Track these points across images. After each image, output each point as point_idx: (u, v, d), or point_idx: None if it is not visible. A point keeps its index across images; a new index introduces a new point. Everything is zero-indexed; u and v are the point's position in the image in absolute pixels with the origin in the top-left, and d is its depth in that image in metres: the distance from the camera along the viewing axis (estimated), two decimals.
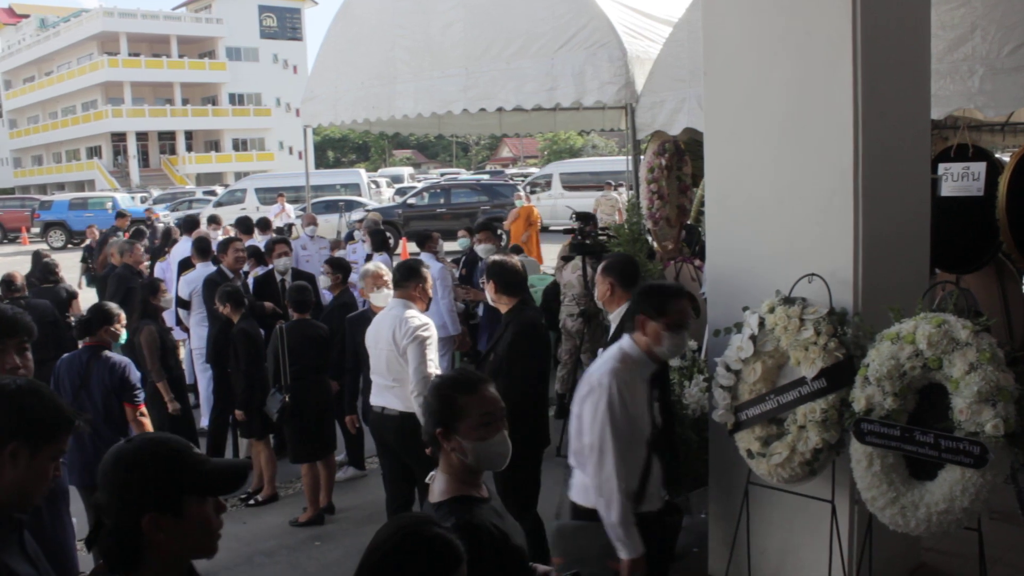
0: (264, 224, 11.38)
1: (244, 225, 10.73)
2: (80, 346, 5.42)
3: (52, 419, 2.04)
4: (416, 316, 4.96)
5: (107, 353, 5.20)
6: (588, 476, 3.48)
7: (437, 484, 2.50)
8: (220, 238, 9.51)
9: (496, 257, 5.08)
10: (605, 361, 3.56)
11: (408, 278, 5.07)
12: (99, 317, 5.26)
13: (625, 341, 3.62)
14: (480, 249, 7.87)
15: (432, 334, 4.98)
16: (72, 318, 8.77)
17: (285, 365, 6.14)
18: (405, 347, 4.89)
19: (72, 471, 4.73)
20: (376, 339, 5.06)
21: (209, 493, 1.85)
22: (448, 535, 1.87)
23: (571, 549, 3.60)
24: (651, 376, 3.65)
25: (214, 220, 12.24)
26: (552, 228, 23.45)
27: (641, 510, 3.45)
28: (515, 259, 5.01)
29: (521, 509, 4.77)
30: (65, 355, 5.38)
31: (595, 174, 27.91)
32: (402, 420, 4.93)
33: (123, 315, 5.43)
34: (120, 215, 16.25)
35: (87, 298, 9.68)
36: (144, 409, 5.28)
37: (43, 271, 8.79)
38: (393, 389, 4.99)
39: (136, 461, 1.81)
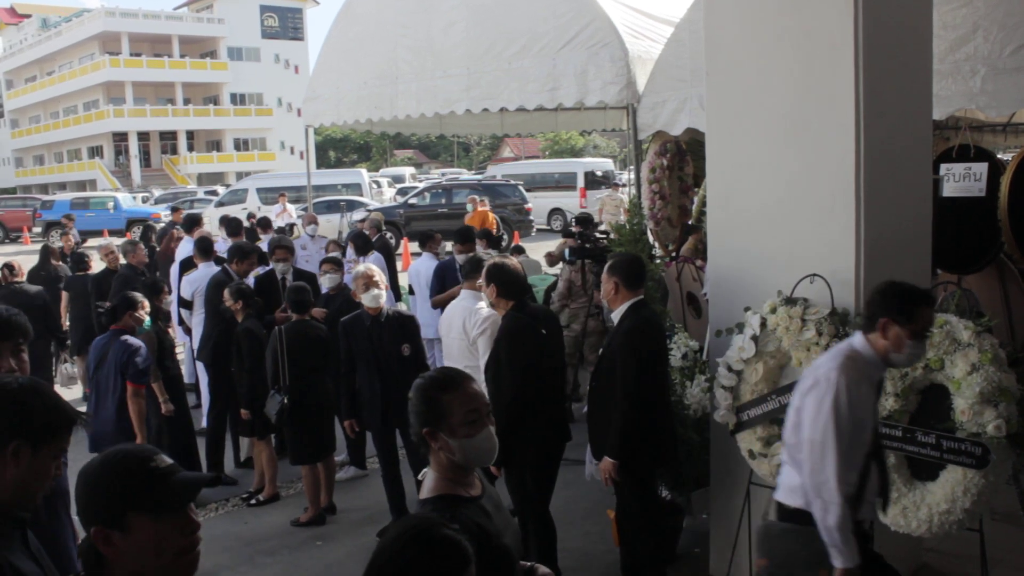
0: (238, 227, 11.17)
1: (232, 227, 10.67)
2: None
3: (53, 418, 2.03)
4: (485, 307, 5.21)
5: (125, 336, 5.78)
6: (804, 475, 3.20)
7: (427, 482, 2.52)
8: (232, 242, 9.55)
9: (497, 260, 4.98)
10: (834, 356, 3.31)
11: (477, 270, 5.24)
12: (124, 304, 5.91)
13: (857, 340, 3.34)
14: (460, 258, 7.81)
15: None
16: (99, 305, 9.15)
17: (284, 366, 6.14)
18: (475, 337, 5.17)
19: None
20: (448, 328, 5.36)
21: (159, 511, 1.78)
22: (456, 535, 1.84)
23: (777, 552, 3.39)
24: (878, 381, 3.40)
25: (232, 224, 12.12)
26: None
27: (857, 518, 3.19)
28: (515, 261, 4.97)
29: (531, 508, 4.79)
30: (98, 337, 6.14)
31: (532, 176, 29.40)
32: None
33: (147, 302, 6.01)
34: (175, 209, 17.12)
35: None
36: (142, 391, 5.68)
37: (76, 261, 10.00)
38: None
39: (91, 472, 1.82)
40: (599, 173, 29.84)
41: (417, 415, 2.51)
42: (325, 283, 7.35)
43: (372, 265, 6.09)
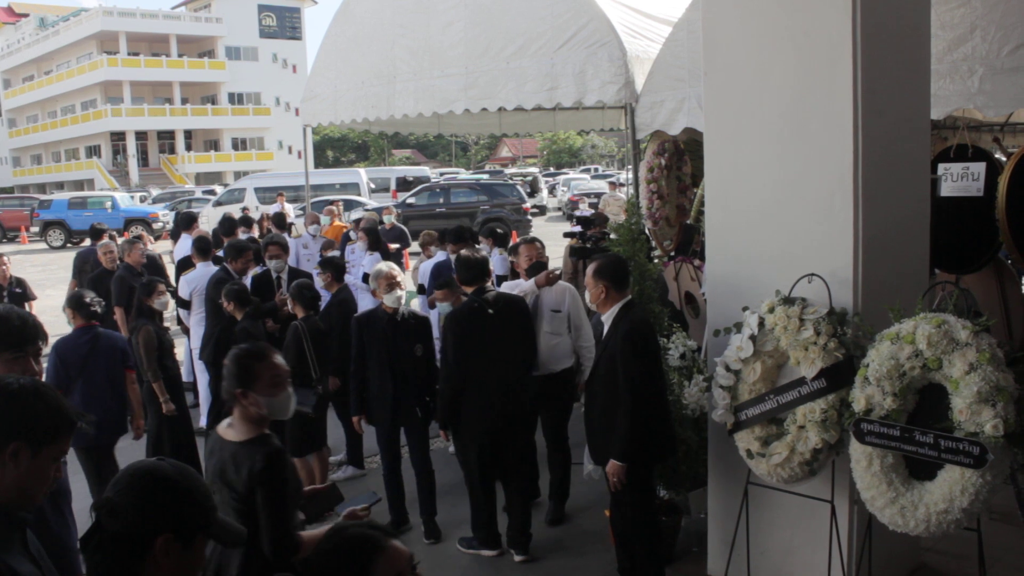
0: (233, 227, 11.25)
1: (226, 226, 10.66)
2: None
3: (54, 420, 2.02)
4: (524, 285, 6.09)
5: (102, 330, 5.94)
6: None
7: (236, 429, 3.13)
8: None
9: (462, 253, 5.70)
10: None
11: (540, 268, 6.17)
12: (143, 289, 6.33)
13: None
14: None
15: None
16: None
17: (314, 360, 6.24)
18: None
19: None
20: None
21: (214, 539, 1.93)
22: (365, 531, 2.05)
23: None
24: None
25: (246, 222, 12.06)
26: None
27: None
28: (477, 254, 5.61)
29: (471, 476, 5.45)
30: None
31: (382, 180, 30.85)
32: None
33: (162, 285, 6.31)
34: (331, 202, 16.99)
35: None
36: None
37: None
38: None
39: (174, 482, 1.86)
40: (410, 179, 31.99)
41: (231, 377, 3.12)
42: (317, 282, 7.41)
43: (394, 265, 6.07)
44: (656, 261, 7.51)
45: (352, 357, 5.89)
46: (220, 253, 8.97)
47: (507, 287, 6.20)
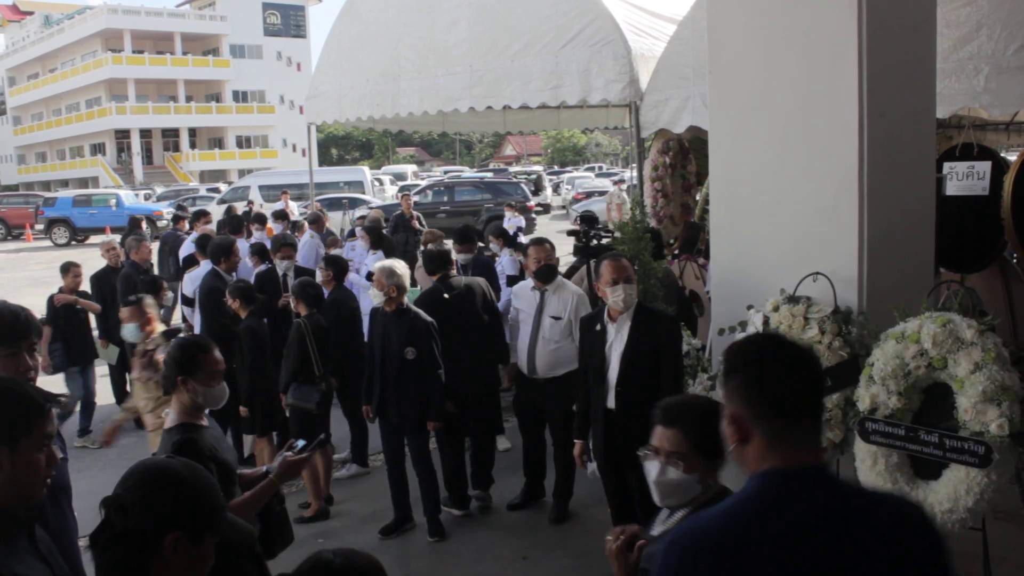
0: (237, 223, 11.32)
1: (233, 224, 10.69)
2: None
3: (20, 411, 1.99)
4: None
5: None
6: None
7: (171, 416, 3.32)
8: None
9: (429, 246, 6.43)
10: None
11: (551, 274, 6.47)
12: (147, 287, 6.76)
13: None
14: (461, 258, 7.80)
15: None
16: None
17: (317, 357, 6.28)
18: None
19: None
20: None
21: (222, 536, 1.93)
22: (338, 558, 2.06)
23: None
24: None
25: (260, 219, 12.05)
26: None
27: None
28: (439, 248, 6.37)
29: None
30: None
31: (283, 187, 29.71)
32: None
33: (167, 284, 6.59)
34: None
35: None
36: None
37: (174, 220, 12.89)
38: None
39: (184, 480, 1.87)
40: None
41: (175, 364, 3.29)
42: (280, 268, 7.57)
43: (395, 264, 5.88)
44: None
45: (365, 351, 6.03)
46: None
47: (519, 288, 6.19)
